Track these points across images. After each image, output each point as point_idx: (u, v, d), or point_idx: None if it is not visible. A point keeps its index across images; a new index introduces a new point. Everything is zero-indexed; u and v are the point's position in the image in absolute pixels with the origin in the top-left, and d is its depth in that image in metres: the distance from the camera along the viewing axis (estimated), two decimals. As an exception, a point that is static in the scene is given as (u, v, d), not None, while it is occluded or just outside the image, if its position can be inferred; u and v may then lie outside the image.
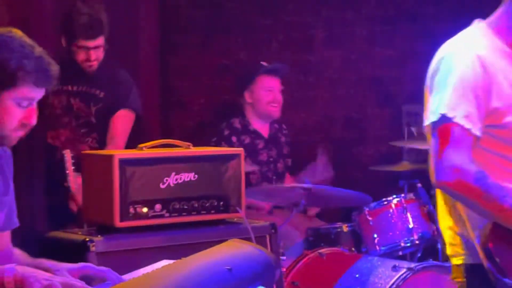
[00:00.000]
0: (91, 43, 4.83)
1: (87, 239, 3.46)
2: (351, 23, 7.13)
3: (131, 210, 3.55)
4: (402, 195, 4.89)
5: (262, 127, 5.94)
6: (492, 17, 2.94)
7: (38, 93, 2.73)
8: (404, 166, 5.67)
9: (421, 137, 5.36)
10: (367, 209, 4.85)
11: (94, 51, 4.86)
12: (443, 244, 3.18)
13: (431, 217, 4.79)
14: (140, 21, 6.36)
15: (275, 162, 5.90)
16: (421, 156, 5.38)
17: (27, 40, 2.72)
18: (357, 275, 4.27)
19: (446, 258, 4.29)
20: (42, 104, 3.14)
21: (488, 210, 2.76)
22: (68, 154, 4.10)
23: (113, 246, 3.44)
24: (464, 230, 2.91)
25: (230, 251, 2.86)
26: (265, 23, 6.83)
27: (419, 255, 4.87)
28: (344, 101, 7.22)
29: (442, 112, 2.76)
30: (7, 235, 2.94)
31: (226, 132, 5.79)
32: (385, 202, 4.85)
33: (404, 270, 4.39)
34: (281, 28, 6.80)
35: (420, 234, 4.75)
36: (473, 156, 2.76)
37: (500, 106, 2.78)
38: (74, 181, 3.98)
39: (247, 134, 5.85)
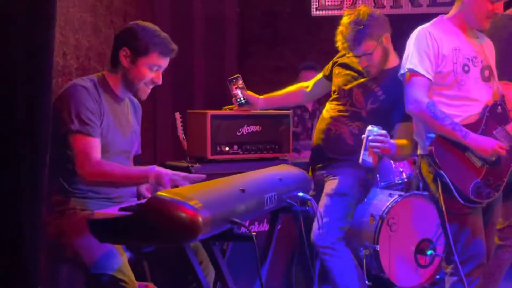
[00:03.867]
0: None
1: (190, 165, 3.57)
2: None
3: (218, 148, 3.62)
4: None
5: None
6: (451, 12, 3.08)
7: (164, 61, 2.74)
8: None
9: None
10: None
11: None
12: (422, 179, 3.19)
13: (415, 163, 4.80)
14: (227, 36, 6.36)
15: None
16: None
17: (157, 28, 2.75)
18: (365, 199, 4.34)
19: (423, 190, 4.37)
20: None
21: (435, 127, 2.91)
22: (178, 116, 4.12)
23: (206, 170, 3.38)
24: (421, 142, 3.06)
25: (281, 169, 2.98)
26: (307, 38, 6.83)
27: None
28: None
29: (409, 66, 2.97)
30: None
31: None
32: (385, 154, 4.84)
33: (396, 196, 4.44)
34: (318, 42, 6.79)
35: (407, 174, 4.75)
36: (428, 94, 2.94)
37: (441, 61, 2.95)
38: (181, 131, 4.04)
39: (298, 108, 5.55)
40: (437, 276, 4.56)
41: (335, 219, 3.32)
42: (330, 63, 3.62)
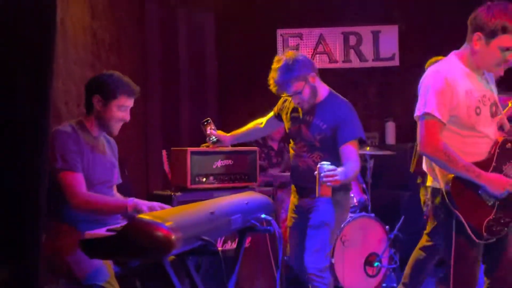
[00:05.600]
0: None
1: (172, 194, 3.56)
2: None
3: (197, 179, 3.61)
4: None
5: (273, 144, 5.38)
6: (461, 49, 2.70)
7: (130, 101, 2.77)
8: None
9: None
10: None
11: None
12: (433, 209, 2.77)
13: (364, 191, 4.84)
14: (208, 83, 6.32)
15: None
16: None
17: (120, 74, 2.77)
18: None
19: (370, 211, 4.34)
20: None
21: (449, 168, 2.58)
22: (164, 152, 4.10)
23: (186, 198, 3.48)
24: (436, 180, 2.69)
25: (247, 195, 2.96)
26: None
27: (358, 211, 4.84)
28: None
29: (425, 110, 2.59)
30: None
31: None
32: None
33: (348, 217, 4.38)
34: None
35: (357, 199, 4.75)
36: (442, 135, 2.60)
37: (456, 105, 2.59)
38: (167, 166, 4.04)
39: (265, 147, 5.35)
40: (384, 285, 4.56)
41: (323, 248, 3.25)
42: (276, 108, 3.56)
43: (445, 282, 2.66)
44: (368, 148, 5.06)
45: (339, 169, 2.97)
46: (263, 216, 2.76)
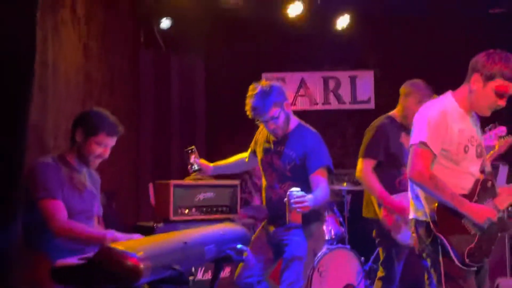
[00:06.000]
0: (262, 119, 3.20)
1: (154, 225, 3.49)
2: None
3: (179, 211, 3.56)
4: (326, 212, 4.71)
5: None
6: (458, 89, 2.68)
7: (111, 140, 2.70)
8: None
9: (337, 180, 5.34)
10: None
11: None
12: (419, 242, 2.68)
13: (341, 224, 4.75)
14: (197, 122, 6.31)
15: None
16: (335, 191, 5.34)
17: (108, 113, 2.72)
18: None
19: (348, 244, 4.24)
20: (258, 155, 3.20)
21: (435, 196, 2.53)
22: (151, 186, 4.02)
23: (168, 229, 3.30)
24: (420, 208, 2.63)
25: (224, 226, 2.88)
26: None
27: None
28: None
29: (421, 139, 2.55)
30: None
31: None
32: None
33: (325, 249, 4.37)
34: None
35: (334, 232, 4.65)
36: (432, 168, 2.56)
37: (449, 140, 2.57)
38: (153, 198, 3.95)
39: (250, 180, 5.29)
40: (359, 315, 4.43)
41: (297, 280, 3.12)
42: (253, 143, 3.45)
43: None
44: (345, 184, 5.06)
45: (309, 196, 2.90)
46: (238, 246, 2.69)
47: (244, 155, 3.55)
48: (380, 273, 3.69)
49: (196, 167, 3.45)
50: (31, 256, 2.53)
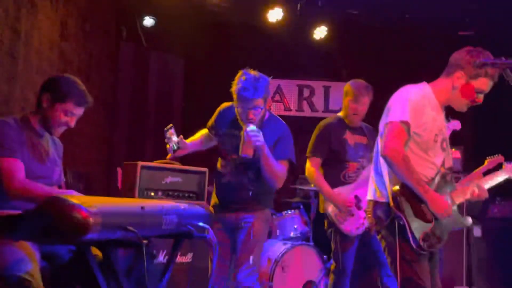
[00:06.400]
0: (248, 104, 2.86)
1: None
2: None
3: (145, 193, 3.24)
4: (292, 210, 4.56)
5: None
6: (435, 81, 2.53)
7: (78, 110, 2.45)
8: (296, 199, 5.27)
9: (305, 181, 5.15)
10: (274, 216, 4.54)
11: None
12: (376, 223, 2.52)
13: (306, 223, 4.54)
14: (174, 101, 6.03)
15: None
16: (303, 192, 5.15)
17: (78, 81, 2.47)
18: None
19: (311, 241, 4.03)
20: (219, 139, 2.91)
21: (404, 177, 2.35)
22: (119, 169, 3.77)
23: None
24: (381, 188, 2.48)
25: (188, 203, 2.67)
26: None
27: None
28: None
29: (402, 118, 2.38)
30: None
31: None
32: (284, 213, 4.55)
33: (289, 245, 4.17)
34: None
35: (299, 231, 4.46)
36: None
37: (423, 123, 2.42)
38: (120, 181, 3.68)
39: None
40: (319, 312, 4.19)
41: (256, 263, 2.89)
42: (211, 122, 3.12)
43: None
44: (312, 185, 4.84)
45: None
46: (200, 224, 2.46)
47: (204, 131, 3.23)
48: (332, 267, 3.57)
49: (175, 146, 3.14)
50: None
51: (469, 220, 2.54)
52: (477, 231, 5.30)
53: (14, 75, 3.00)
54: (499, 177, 2.82)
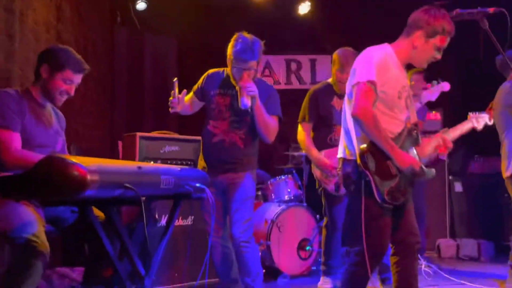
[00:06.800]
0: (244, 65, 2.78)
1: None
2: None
3: (145, 161, 3.21)
4: (286, 176, 4.51)
5: None
6: (396, 42, 2.47)
7: (77, 77, 2.38)
8: (289, 165, 5.17)
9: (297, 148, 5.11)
10: (269, 181, 4.53)
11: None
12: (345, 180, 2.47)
13: (299, 187, 4.50)
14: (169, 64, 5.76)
15: None
16: (295, 158, 5.11)
17: (73, 50, 2.41)
18: (261, 208, 3.97)
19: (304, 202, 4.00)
20: (210, 100, 2.79)
21: (373, 135, 2.30)
22: (120, 143, 3.68)
23: None
24: (350, 147, 2.41)
25: (183, 167, 2.61)
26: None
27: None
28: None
29: (368, 78, 2.31)
30: None
31: None
32: (278, 178, 4.50)
33: (283, 206, 4.14)
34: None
35: (293, 193, 4.41)
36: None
37: (387, 81, 2.36)
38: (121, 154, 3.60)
39: None
40: (313, 268, 4.19)
41: (251, 219, 2.86)
42: (196, 87, 3.00)
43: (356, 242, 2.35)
44: (304, 151, 4.81)
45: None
46: (197, 184, 2.40)
47: (190, 95, 3.07)
48: (324, 222, 3.58)
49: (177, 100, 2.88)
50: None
51: (433, 171, 2.47)
52: (458, 187, 5.30)
53: (12, 53, 2.91)
54: (464, 127, 2.79)
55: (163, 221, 3.19)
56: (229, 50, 2.81)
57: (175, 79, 2.90)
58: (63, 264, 3.05)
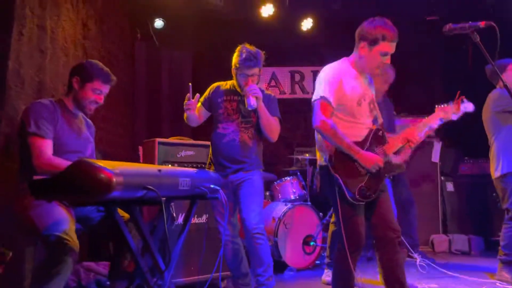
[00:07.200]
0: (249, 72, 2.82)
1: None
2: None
3: (163, 165, 3.22)
4: (291, 177, 4.49)
5: None
6: (351, 55, 2.50)
7: (105, 87, 2.43)
8: (293, 167, 5.20)
9: (301, 152, 5.13)
10: (276, 183, 4.52)
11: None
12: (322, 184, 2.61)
13: (304, 187, 4.48)
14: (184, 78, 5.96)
15: None
16: (300, 161, 5.10)
17: (101, 64, 2.46)
18: (269, 207, 3.95)
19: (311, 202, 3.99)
20: (218, 106, 2.82)
21: (336, 142, 2.35)
22: (140, 148, 3.69)
23: None
24: (322, 154, 2.47)
25: (198, 169, 2.61)
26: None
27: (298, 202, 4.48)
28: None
29: (321, 94, 2.37)
30: None
31: None
32: (284, 180, 4.50)
33: (290, 205, 4.10)
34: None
35: (298, 193, 4.40)
36: (332, 120, 2.39)
37: (343, 95, 2.39)
38: (142, 158, 3.61)
39: None
40: (317, 262, 4.16)
41: (262, 212, 2.86)
42: (203, 98, 2.97)
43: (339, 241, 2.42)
44: (307, 154, 4.85)
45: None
46: (212, 186, 2.40)
47: (198, 105, 3.00)
48: (332, 218, 3.53)
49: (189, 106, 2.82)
50: (23, 185, 2.20)
51: (403, 166, 2.49)
52: (449, 187, 5.25)
53: (43, 67, 2.93)
54: (431, 120, 2.64)
55: (180, 220, 3.19)
56: (235, 59, 2.87)
57: (190, 83, 2.90)
58: (88, 259, 3.05)
